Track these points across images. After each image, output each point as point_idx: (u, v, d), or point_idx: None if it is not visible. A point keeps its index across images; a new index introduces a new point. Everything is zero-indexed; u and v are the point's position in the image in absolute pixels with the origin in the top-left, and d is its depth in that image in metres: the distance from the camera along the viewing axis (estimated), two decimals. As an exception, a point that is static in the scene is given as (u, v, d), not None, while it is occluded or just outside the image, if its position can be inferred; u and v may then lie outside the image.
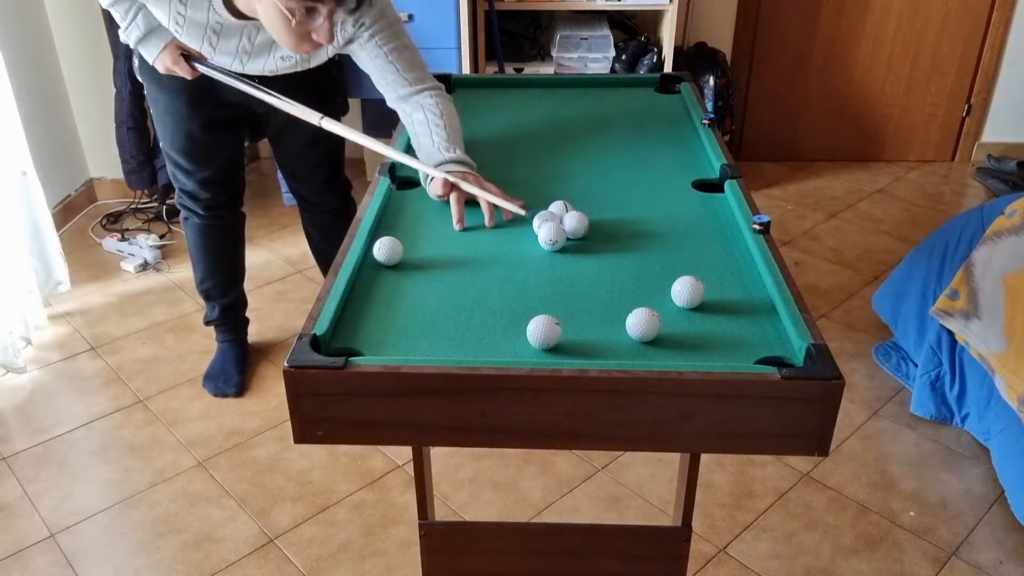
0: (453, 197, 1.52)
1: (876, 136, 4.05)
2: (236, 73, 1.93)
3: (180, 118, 2.15)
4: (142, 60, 2.05)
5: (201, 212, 2.34)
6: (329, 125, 1.73)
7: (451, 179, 1.51)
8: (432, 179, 1.55)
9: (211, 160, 2.25)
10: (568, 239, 1.43)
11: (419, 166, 1.59)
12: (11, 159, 2.77)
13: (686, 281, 1.23)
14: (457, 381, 1.07)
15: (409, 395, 1.08)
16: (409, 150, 1.73)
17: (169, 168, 2.30)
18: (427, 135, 1.66)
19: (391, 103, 1.79)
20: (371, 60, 1.77)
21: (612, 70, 3.32)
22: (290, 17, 1.49)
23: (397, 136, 1.81)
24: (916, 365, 2.45)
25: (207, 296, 2.53)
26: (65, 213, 3.47)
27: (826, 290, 3.04)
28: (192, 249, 2.45)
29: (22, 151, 2.81)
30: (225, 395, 2.49)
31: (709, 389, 1.05)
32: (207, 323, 2.61)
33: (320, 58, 1.99)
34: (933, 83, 3.90)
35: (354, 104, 3.71)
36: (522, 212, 1.47)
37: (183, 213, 2.39)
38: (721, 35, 3.81)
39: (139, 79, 2.18)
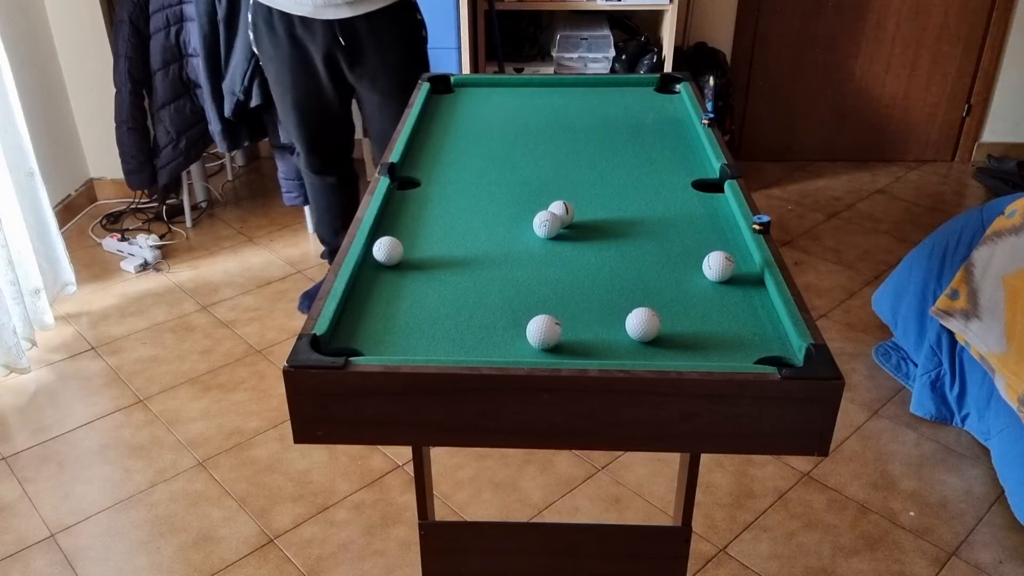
0: None
1: (876, 136, 4.05)
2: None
3: (290, 82, 2.49)
4: (255, 24, 2.43)
5: (308, 171, 2.74)
6: None
7: None
8: None
9: (311, 125, 2.59)
10: (562, 228, 1.45)
11: None
12: (18, 160, 2.77)
13: (718, 256, 1.29)
14: (457, 381, 1.07)
15: (409, 395, 1.08)
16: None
17: (286, 135, 2.80)
18: None
19: None
20: None
21: (612, 70, 3.32)
22: None
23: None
24: (916, 365, 2.45)
25: (320, 239, 3.00)
26: (65, 213, 3.47)
27: (826, 290, 3.04)
28: (309, 197, 2.89)
29: (28, 152, 2.80)
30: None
31: (709, 389, 1.05)
32: (322, 257, 3.14)
33: None
34: (933, 83, 3.90)
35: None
36: None
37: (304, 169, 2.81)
38: (721, 35, 3.81)
39: (254, 49, 2.55)
